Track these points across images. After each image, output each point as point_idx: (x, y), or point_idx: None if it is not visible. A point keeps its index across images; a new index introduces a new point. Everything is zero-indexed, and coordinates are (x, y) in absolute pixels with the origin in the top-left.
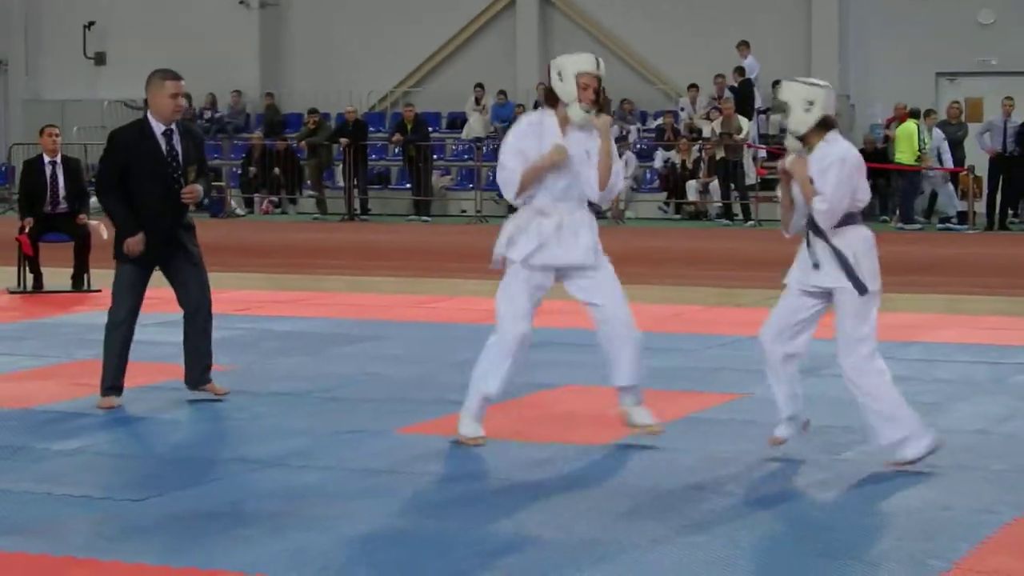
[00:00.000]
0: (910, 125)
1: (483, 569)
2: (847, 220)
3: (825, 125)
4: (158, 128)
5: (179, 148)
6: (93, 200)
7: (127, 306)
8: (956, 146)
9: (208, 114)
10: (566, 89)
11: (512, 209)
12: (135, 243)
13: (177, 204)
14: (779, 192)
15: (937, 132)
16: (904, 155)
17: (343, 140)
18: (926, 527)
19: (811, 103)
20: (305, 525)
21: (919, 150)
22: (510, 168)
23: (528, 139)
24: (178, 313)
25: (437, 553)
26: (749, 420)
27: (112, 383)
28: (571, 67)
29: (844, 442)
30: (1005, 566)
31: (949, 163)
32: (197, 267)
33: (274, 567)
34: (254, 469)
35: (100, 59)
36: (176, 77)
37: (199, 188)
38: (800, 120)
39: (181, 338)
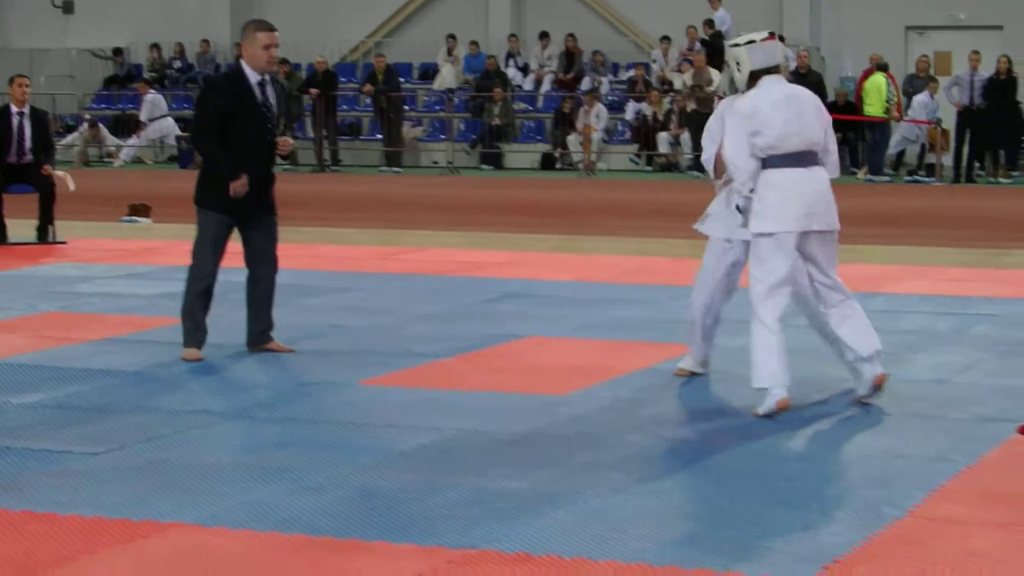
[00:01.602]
0: (878, 78)
1: (445, 519)
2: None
3: (760, 75)
4: (253, 78)
5: (272, 99)
6: (61, 146)
7: (214, 260)
8: None
9: (177, 64)
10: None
11: None
12: (241, 184)
13: (269, 155)
14: None
15: (926, 97)
16: (872, 107)
17: (313, 91)
18: (881, 475)
19: (739, 63)
20: (266, 477)
21: (887, 102)
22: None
23: None
24: (146, 266)
25: (399, 503)
26: (713, 371)
27: (198, 336)
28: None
29: (801, 392)
30: (957, 514)
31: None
32: (271, 225)
33: (234, 519)
34: (216, 422)
35: (68, 7)
36: (270, 28)
37: (291, 140)
38: (739, 79)
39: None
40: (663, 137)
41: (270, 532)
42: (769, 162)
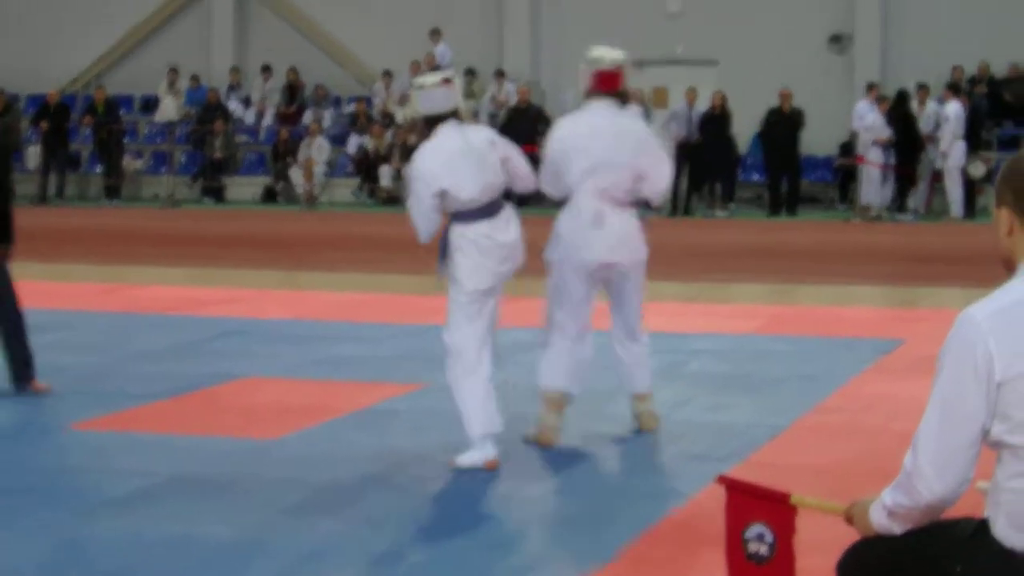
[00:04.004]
0: None
1: (148, 569)
2: None
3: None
4: None
5: None
6: None
7: None
8: None
9: None
10: None
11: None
12: None
13: None
14: None
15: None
16: None
17: (42, 124)
18: (594, 516)
19: None
20: None
21: None
22: None
23: None
24: None
25: (105, 552)
26: (427, 410)
27: None
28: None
29: (515, 431)
30: (669, 555)
31: None
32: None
33: None
34: None
35: None
36: None
37: None
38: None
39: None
40: (385, 170)
41: None
42: None
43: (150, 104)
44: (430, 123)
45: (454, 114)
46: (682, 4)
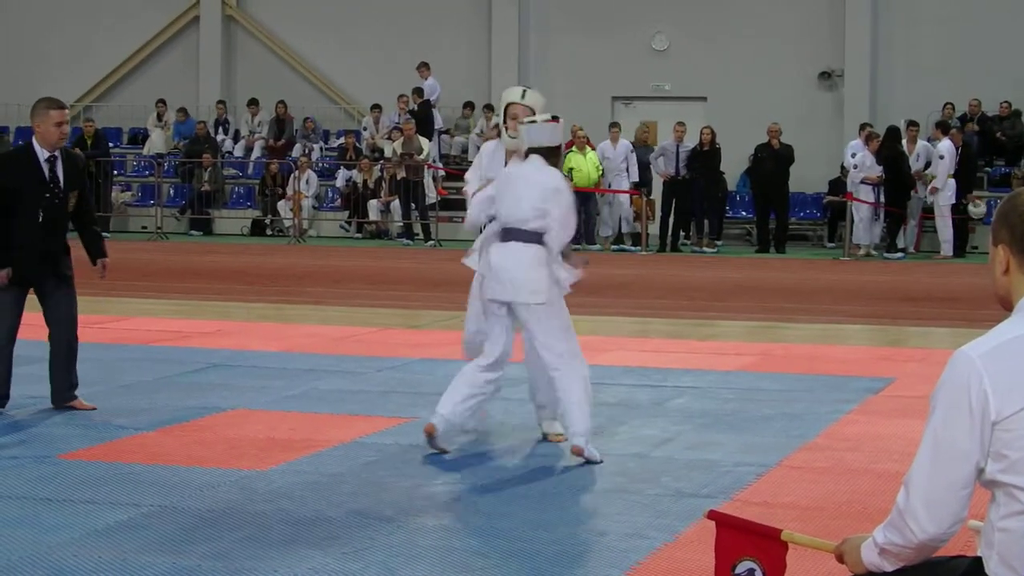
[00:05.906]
0: (592, 156)
1: None
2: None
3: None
4: (42, 154)
5: (61, 174)
6: None
7: (6, 326)
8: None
9: None
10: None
11: None
12: (2, 276)
13: (54, 229)
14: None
15: (626, 144)
16: (580, 178)
17: None
18: (578, 552)
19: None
20: None
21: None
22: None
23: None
24: None
25: None
26: (414, 444)
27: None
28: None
29: (499, 467)
30: None
31: (635, 175)
32: (68, 291)
33: None
34: None
35: None
36: (61, 106)
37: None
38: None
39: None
40: (373, 204)
41: None
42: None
43: (138, 137)
44: (527, 154)
45: (553, 151)
46: (668, 41)
